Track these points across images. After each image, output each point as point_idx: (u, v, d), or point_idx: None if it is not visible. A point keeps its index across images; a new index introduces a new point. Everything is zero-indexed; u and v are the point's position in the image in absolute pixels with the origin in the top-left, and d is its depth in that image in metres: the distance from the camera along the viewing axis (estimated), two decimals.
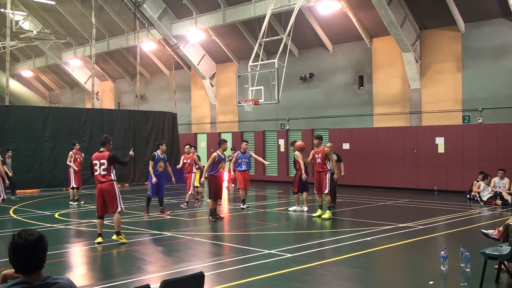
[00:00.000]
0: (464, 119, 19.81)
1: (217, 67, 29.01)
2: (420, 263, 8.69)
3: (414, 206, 16.31)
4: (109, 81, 37.08)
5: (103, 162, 10.14)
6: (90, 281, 7.76)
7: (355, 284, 7.48)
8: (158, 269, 8.49)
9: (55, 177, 22.07)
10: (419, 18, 20.63)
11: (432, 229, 11.90)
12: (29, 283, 2.97)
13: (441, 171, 19.98)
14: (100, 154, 10.29)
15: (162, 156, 14.41)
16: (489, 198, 16.26)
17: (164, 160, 14.52)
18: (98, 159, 10.22)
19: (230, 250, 10.10)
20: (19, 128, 21.54)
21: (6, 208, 15.98)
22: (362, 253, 9.26)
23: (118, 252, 9.71)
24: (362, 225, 12.26)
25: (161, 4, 27.03)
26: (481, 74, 19.39)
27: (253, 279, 7.56)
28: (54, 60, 37.52)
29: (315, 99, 24.40)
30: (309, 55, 24.69)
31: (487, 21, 19.22)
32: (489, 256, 6.77)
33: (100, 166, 10.18)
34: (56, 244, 10.17)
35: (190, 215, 14.65)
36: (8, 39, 25.80)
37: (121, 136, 24.51)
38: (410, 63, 20.56)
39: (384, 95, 22.05)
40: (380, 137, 21.74)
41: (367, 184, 21.84)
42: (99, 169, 10.18)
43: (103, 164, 10.17)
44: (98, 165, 10.18)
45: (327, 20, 22.47)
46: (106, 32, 32.72)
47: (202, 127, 30.14)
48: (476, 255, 7.52)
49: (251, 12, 23.23)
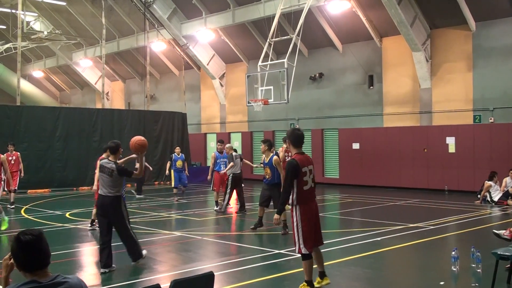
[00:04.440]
0: (475, 119, 19.67)
1: (227, 67, 29.03)
2: (431, 264, 8.63)
3: (424, 206, 16.22)
4: (119, 81, 37.22)
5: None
6: (100, 280, 7.78)
7: (365, 285, 7.45)
8: (168, 268, 8.51)
9: (66, 177, 22.19)
10: (430, 17, 20.51)
11: (443, 229, 11.82)
12: (39, 282, 2.97)
13: (451, 171, 19.86)
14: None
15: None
16: (500, 198, 16.13)
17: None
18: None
19: (240, 250, 10.09)
20: (30, 128, 21.67)
21: (18, 208, 16.10)
22: (372, 253, 9.22)
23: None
24: (372, 225, 12.21)
25: (171, 4, 27.10)
26: (492, 73, 19.24)
27: (262, 279, 7.56)
28: (65, 61, 37.73)
29: (324, 98, 24.34)
30: (319, 54, 24.64)
31: (498, 20, 19.06)
32: (501, 256, 6.72)
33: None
34: (67, 244, 10.22)
35: (200, 215, 14.66)
36: (19, 39, 25.97)
37: (131, 136, 24.24)
38: (420, 63, 20.44)
39: (394, 94, 21.95)
40: (390, 137, 21.64)
41: (377, 184, 21.75)
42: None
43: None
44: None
45: (337, 19, 22.41)
46: (116, 33, 32.86)
47: (211, 127, 30.17)
48: (487, 255, 7.45)
49: (261, 12, 23.22)
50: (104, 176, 8.21)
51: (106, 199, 8.18)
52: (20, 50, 25.82)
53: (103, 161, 8.49)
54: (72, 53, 37.25)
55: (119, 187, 8.31)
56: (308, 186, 6.69)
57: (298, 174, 6.57)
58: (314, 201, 6.83)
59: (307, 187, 6.67)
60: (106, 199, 8.18)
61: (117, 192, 8.26)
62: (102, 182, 8.24)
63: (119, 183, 8.32)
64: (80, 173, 22.43)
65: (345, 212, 15.07)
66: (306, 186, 6.64)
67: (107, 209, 8.19)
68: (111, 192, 8.18)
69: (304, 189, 6.63)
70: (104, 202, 8.21)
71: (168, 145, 26.40)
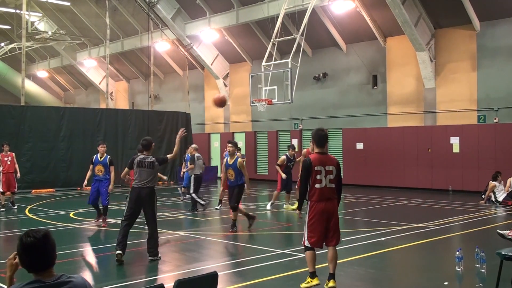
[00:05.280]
0: (479, 119, 19.61)
1: (231, 67, 29.04)
2: (435, 264, 8.62)
3: (428, 206, 16.18)
4: (123, 82, 37.29)
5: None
6: (104, 280, 7.79)
7: (369, 285, 7.44)
8: (172, 268, 8.52)
9: (70, 176, 22.21)
10: (434, 17, 20.47)
11: (447, 229, 11.80)
12: (43, 282, 2.98)
13: (456, 171, 19.81)
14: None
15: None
16: (505, 198, 16.08)
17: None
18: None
19: (244, 250, 10.09)
20: (34, 128, 21.72)
21: (22, 207, 16.15)
22: (376, 254, 9.21)
23: (132, 252, 9.75)
24: (376, 225, 12.19)
25: (175, 4, 27.12)
26: (496, 73, 19.18)
27: (266, 279, 7.55)
28: (69, 61, 37.82)
29: (328, 98, 24.32)
30: (323, 54, 24.62)
31: (503, 20, 19.00)
32: (505, 257, 6.69)
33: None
34: (71, 243, 10.25)
35: (204, 214, 14.66)
36: (23, 40, 26.07)
37: (135, 136, 24.62)
38: (424, 63, 20.40)
39: (398, 94, 21.91)
40: (394, 137, 21.60)
41: (381, 184, 21.72)
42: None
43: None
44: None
45: (341, 19, 22.39)
46: (120, 33, 32.91)
47: (215, 127, 30.19)
48: (491, 255, 7.43)
49: (265, 12, 23.22)
50: (144, 170, 8.96)
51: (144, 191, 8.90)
52: (25, 50, 25.92)
53: (140, 157, 9.11)
54: (76, 53, 37.33)
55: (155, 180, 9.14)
56: (322, 184, 6.85)
57: (310, 172, 6.84)
58: (328, 201, 6.91)
59: (320, 185, 6.84)
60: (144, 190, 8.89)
61: (153, 184, 9.09)
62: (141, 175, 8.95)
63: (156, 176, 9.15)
64: (84, 173, 21.98)
65: (349, 212, 15.05)
66: (319, 184, 6.84)
67: (144, 200, 8.87)
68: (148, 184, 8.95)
69: (316, 186, 6.84)
70: (141, 193, 8.89)
71: (172, 145, 26.14)
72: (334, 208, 6.97)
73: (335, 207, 6.99)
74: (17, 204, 16.42)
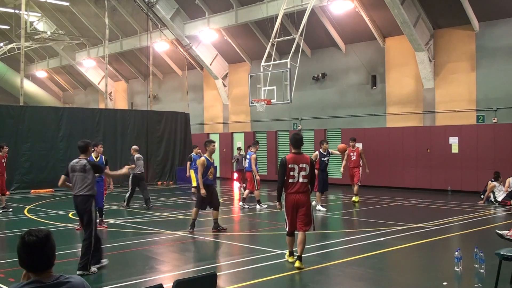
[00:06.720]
0: (478, 119, 19.63)
1: (230, 67, 29.04)
2: (434, 264, 8.62)
3: (427, 206, 16.19)
4: (122, 82, 37.27)
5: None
6: (103, 280, 7.79)
7: (368, 285, 7.44)
8: (170, 268, 8.52)
9: None
10: (433, 17, 20.48)
11: (446, 229, 11.80)
12: (42, 282, 2.97)
13: (455, 171, 19.82)
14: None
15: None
16: (504, 198, 16.09)
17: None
18: None
19: (243, 250, 10.09)
20: (33, 128, 21.71)
21: (21, 207, 16.13)
22: (375, 254, 9.21)
23: (131, 252, 9.75)
24: (375, 225, 12.20)
25: (174, 4, 27.12)
26: (495, 73, 19.20)
27: (265, 279, 7.55)
28: (68, 61, 37.80)
29: (327, 99, 24.32)
30: (322, 55, 24.62)
31: (502, 20, 19.02)
32: (504, 257, 6.69)
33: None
34: (69, 244, 10.23)
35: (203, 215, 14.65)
36: (22, 40, 26.05)
37: (134, 136, 24.64)
38: (423, 63, 20.41)
39: (397, 95, 21.92)
40: (393, 137, 21.61)
41: (380, 185, 21.72)
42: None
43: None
44: None
45: (340, 19, 22.40)
46: (119, 33, 32.90)
47: (214, 127, 30.18)
48: (490, 256, 7.44)
49: (264, 12, 23.22)
50: (76, 175, 8.33)
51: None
52: (24, 50, 25.89)
53: (74, 161, 8.50)
54: (75, 53, 37.31)
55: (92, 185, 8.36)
56: (295, 180, 8.05)
57: (285, 168, 8.03)
58: (299, 193, 8.05)
59: (293, 180, 8.06)
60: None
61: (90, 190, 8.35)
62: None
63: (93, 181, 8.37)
64: None
65: (348, 212, 15.06)
66: (292, 179, 8.05)
67: (78, 209, 8.44)
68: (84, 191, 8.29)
69: (289, 181, 8.07)
70: (75, 202, 8.48)
71: (171, 145, 26.44)
72: (304, 199, 8.09)
73: (305, 199, 8.10)
74: (16, 204, 16.38)
